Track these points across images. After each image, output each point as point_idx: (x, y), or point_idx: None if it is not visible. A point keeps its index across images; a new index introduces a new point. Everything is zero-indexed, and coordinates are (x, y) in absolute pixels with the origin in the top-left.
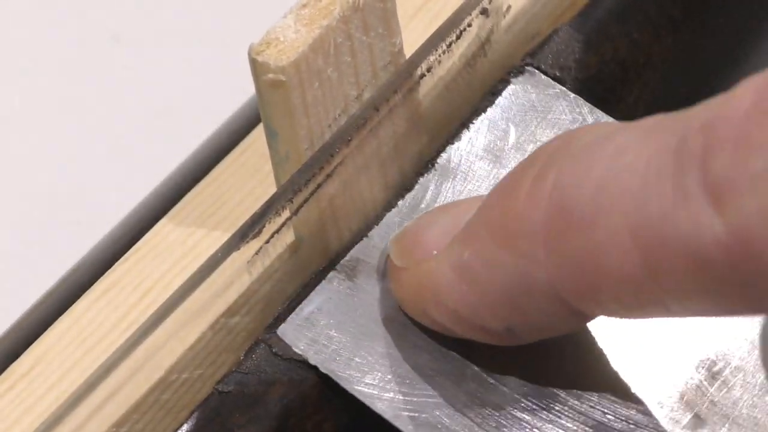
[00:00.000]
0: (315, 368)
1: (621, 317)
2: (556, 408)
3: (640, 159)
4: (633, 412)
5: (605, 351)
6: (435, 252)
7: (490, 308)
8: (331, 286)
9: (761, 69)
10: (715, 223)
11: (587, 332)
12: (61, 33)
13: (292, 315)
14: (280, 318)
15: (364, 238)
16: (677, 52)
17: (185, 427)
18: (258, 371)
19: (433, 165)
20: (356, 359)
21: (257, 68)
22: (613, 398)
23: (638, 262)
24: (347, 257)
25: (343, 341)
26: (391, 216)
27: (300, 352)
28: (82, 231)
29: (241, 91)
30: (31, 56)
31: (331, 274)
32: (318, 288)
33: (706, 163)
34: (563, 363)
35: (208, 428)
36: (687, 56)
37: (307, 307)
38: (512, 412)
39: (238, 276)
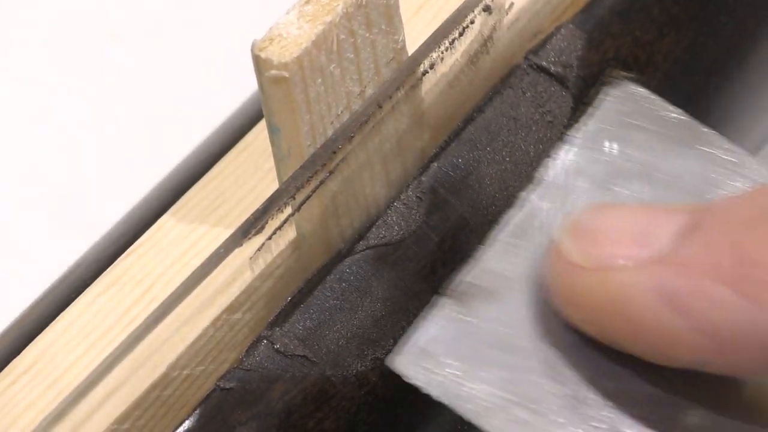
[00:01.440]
0: (317, 365)
1: None
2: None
3: None
4: None
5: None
6: (623, 261)
7: (692, 341)
8: (443, 313)
9: (763, 67)
10: None
11: None
12: (61, 30)
13: (406, 345)
14: (282, 315)
15: (471, 261)
16: (679, 50)
17: (187, 423)
18: (260, 368)
19: (532, 180)
20: (479, 385)
21: (260, 64)
22: None
23: None
24: (457, 281)
25: (462, 368)
26: (503, 236)
27: (419, 385)
28: (84, 227)
29: (244, 87)
30: (31, 55)
31: (442, 300)
32: (430, 315)
33: None
34: (698, 388)
35: (209, 425)
36: (689, 55)
37: (423, 336)
38: None
39: (240, 272)
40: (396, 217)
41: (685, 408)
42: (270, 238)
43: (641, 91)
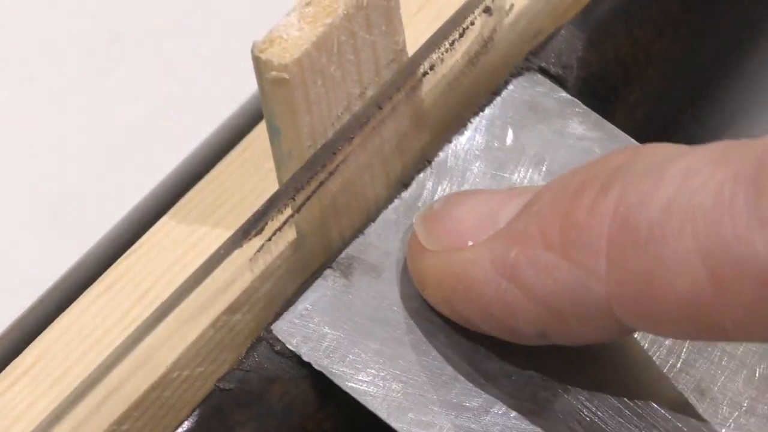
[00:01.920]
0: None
1: (675, 338)
2: (548, 412)
3: (711, 181)
4: (626, 423)
5: (602, 359)
6: (471, 242)
7: (529, 311)
8: (326, 284)
9: (761, 67)
10: None
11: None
12: (62, 31)
13: (287, 312)
14: (279, 315)
15: (360, 236)
16: (679, 50)
17: (186, 424)
18: (259, 369)
19: (429, 163)
20: (350, 356)
21: (260, 66)
22: (605, 406)
23: (706, 283)
24: (342, 255)
25: (337, 338)
26: (388, 213)
27: (293, 348)
28: (84, 228)
29: (244, 88)
30: (31, 54)
31: (327, 271)
32: (313, 285)
33: None
34: (563, 365)
35: (209, 425)
36: (688, 55)
37: (302, 304)
38: (509, 414)
39: (240, 273)
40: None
41: (552, 384)
42: (270, 239)
43: (541, 80)
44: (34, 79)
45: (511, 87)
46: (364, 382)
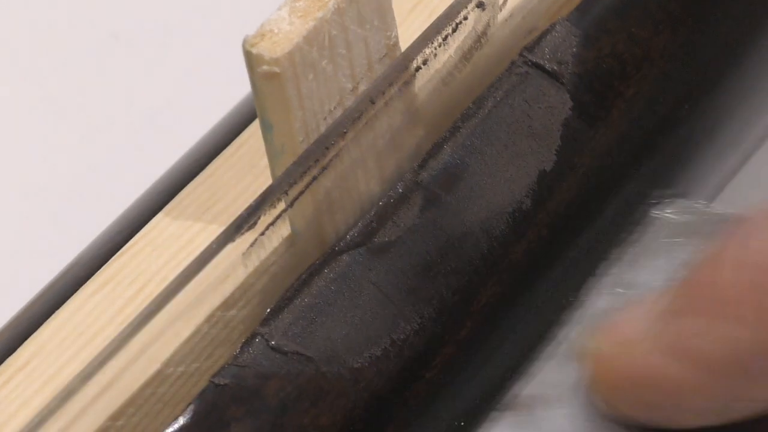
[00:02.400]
0: (312, 362)
1: None
2: None
3: None
4: None
5: None
6: (635, 337)
7: (704, 383)
8: (506, 425)
9: (760, 64)
10: None
11: None
12: (59, 31)
13: None
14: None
15: (528, 374)
16: (676, 47)
17: (182, 420)
18: (255, 364)
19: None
20: None
21: (251, 60)
22: None
23: None
24: (516, 394)
25: None
26: (550, 349)
27: None
28: (79, 226)
29: (238, 87)
30: (30, 54)
31: (502, 413)
32: (492, 428)
33: None
34: None
35: (204, 421)
36: (685, 51)
37: None
38: None
39: (233, 269)
40: (392, 214)
41: None
42: (263, 234)
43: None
44: (33, 76)
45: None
46: None
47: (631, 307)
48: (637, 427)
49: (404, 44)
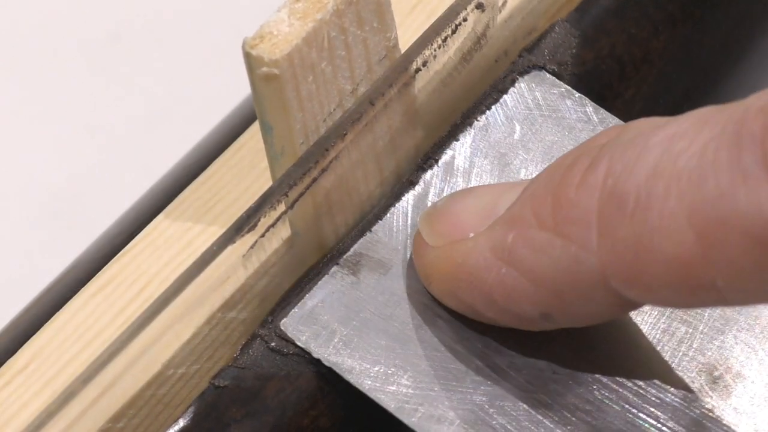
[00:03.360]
0: (313, 363)
1: (671, 306)
2: (559, 399)
3: (694, 144)
4: (634, 409)
5: (610, 346)
6: (472, 234)
7: (530, 292)
8: (334, 281)
9: (759, 65)
10: None
11: (603, 327)
12: (60, 31)
13: (295, 309)
14: (277, 312)
15: (367, 233)
16: (675, 48)
17: (182, 421)
18: (254, 366)
19: (436, 162)
20: (359, 352)
21: (251, 62)
22: (613, 394)
23: (694, 242)
24: (350, 252)
25: (346, 334)
26: (396, 211)
27: (302, 345)
28: (79, 227)
29: (238, 88)
30: (30, 54)
31: (334, 268)
32: (320, 282)
33: (766, 141)
34: (571, 352)
35: (204, 423)
36: (684, 52)
37: (310, 301)
38: (519, 403)
39: (233, 270)
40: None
41: (562, 375)
42: (263, 235)
43: (549, 78)
44: (34, 77)
45: (517, 85)
46: (374, 378)
47: (466, 194)
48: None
49: (403, 45)
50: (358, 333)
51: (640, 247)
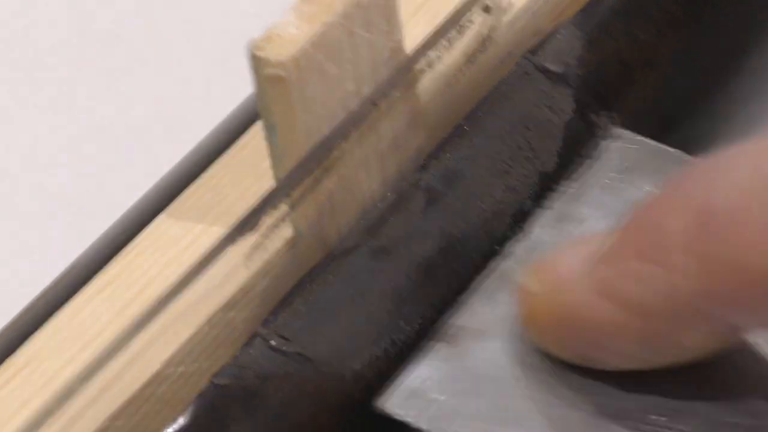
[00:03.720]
0: (312, 362)
1: None
2: None
3: None
4: None
5: (725, 376)
6: (570, 276)
7: (635, 327)
8: (435, 355)
9: (764, 68)
10: None
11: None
12: (61, 31)
13: (394, 387)
14: (278, 311)
15: (463, 305)
16: (679, 50)
17: (182, 420)
18: (255, 365)
19: (522, 228)
20: (461, 413)
21: (257, 63)
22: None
23: None
24: (448, 324)
25: (446, 401)
26: (489, 283)
27: (411, 421)
28: (80, 226)
29: (241, 87)
30: (31, 53)
31: (431, 343)
32: (420, 356)
33: None
34: (685, 388)
35: (204, 421)
36: (689, 55)
37: (414, 378)
38: None
39: (235, 270)
40: (393, 215)
41: (668, 413)
42: (265, 235)
43: (638, 139)
44: (31, 78)
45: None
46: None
47: (569, 245)
48: (565, 363)
49: (408, 46)
50: (459, 397)
51: (737, 266)
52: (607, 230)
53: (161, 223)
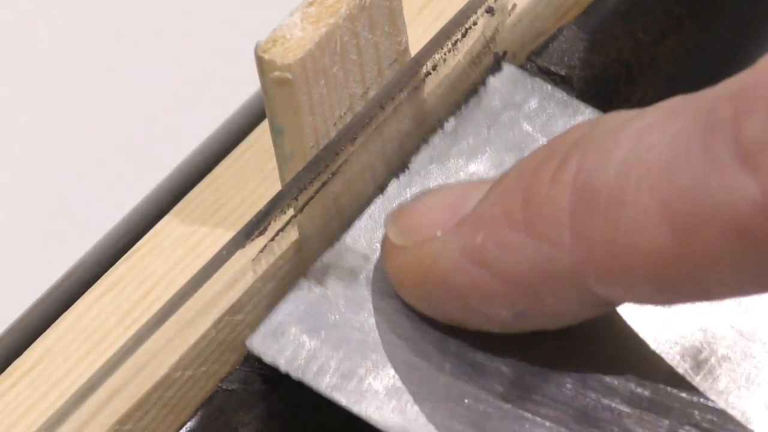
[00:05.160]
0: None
1: (652, 303)
2: (538, 397)
3: (666, 135)
4: (617, 401)
5: (588, 339)
6: (440, 231)
7: (503, 294)
8: (301, 293)
9: None
10: (750, 186)
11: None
12: (65, 31)
13: (261, 326)
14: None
15: (335, 243)
16: (682, 52)
17: (189, 424)
18: (262, 369)
19: (407, 166)
20: (330, 363)
21: (263, 66)
22: (596, 387)
23: (669, 237)
24: (317, 263)
25: (315, 347)
26: (363, 219)
27: (269, 362)
28: (85, 228)
29: (245, 88)
30: (35, 54)
31: (301, 280)
32: (287, 296)
33: (738, 128)
34: (547, 351)
35: (212, 426)
36: (691, 56)
37: (276, 316)
38: (493, 401)
39: (242, 274)
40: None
41: (542, 371)
42: (272, 239)
43: (517, 72)
44: (36, 79)
45: (488, 84)
46: (351, 392)
47: (432, 192)
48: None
49: (411, 47)
50: (327, 345)
51: (615, 244)
52: (473, 181)
53: (166, 224)
